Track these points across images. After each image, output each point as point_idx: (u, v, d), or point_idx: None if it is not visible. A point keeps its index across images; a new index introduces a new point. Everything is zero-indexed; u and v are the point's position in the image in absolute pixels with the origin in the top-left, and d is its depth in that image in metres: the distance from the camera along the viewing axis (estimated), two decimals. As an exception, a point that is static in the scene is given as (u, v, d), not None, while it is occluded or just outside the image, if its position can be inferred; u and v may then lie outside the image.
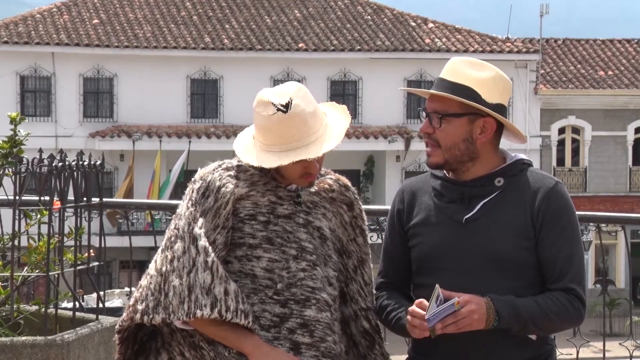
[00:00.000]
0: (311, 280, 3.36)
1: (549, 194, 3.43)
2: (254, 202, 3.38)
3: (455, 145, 3.43)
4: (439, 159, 3.45)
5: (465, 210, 3.44)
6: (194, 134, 35.31)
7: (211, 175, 3.39)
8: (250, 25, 38.33)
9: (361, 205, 3.62)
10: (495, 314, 3.29)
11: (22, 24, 36.62)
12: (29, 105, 35.99)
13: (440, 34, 39.32)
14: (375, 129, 37.25)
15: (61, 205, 4.83)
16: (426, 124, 3.45)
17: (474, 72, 3.45)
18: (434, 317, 3.24)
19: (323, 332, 3.37)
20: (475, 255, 3.40)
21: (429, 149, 3.47)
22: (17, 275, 4.90)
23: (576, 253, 3.42)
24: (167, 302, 3.27)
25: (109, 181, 35.03)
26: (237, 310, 3.23)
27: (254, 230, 3.36)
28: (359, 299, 3.56)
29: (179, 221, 3.36)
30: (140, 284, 3.38)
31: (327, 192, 3.52)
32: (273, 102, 3.33)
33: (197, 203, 3.35)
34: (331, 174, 3.58)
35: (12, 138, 5.02)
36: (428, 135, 3.45)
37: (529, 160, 3.53)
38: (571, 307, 3.38)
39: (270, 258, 3.35)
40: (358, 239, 3.58)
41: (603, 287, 6.76)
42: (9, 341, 4.59)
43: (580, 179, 40.26)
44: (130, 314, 3.36)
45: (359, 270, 3.57)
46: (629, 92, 40.36)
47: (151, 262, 3.39)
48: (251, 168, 3.42)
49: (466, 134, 3.44)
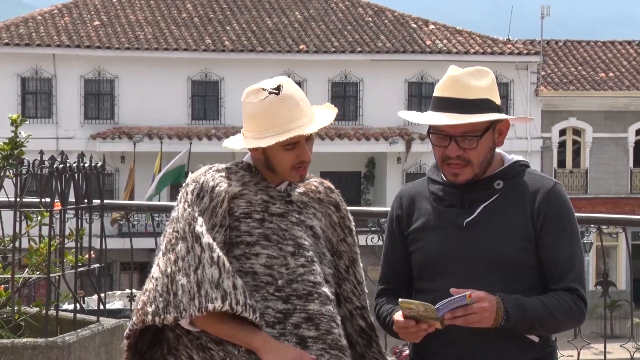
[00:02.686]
0: (311, 275, 3.38)
1: (548, 195, 3.43)
2: (248, 200, 3.41)
3: (485, 158, 3.44)
4: (469, 176, 3.44)
5: (465, 214, 3.44)
6: (195, 136, 35.31)
7: (204, 177, 3.42)
8: (251, 27, 38.34)
9: (346, 205, 3.64)
10: (504, 313, 3.29)
11: (23, 25, 36.62)
12: (29, 107, 35.99)
13: (441, 35, 39.31)
14: (376, 130, 37.23)
15: (62, 207, 4.83)
16: (455, 147, 3.40)
17: (480, 82, 3.44)
18: (444, 307, 3.25)
19: (328, 324, 3.38)
20: (476, 259, 3.40)
21: (457, 169, 3.42)
22: (18, 277, 4.90)
23: (577, 253, 3.43)
24: (177, 300, 3.27)
25: (109, 183, 35.03)
26: (247, 304, 3.24)
27: (250, 228, 3.38)
28: (353, 298, 3.57)
29: (176, 224, 3.36)
30: (145, 287, 3.37)
31: (314, 194, 3.55)
32: (264, 88, 3.40)
33: (193, 204, 3.36)
34: (315, 178, 3.61)
35: (13, 140, 5.02)
36: (457, 157, 3.42)
37: (526, 162, 3.54)
38: (575, 307, 3.39)
39: (268, 254, 3.37)
40: (348, 238, 3.60)
41: (604, 289, 6.75)
42: (10, 343, 4.59)
43: (581, 181, 40.25)
44: (141, 316, 3.34)
45: (351, 269, 3.59)
46: (629, 93, 40.34)
47: (153, 266, 3.38)
48: (241, 170, 3.46)
49: (492, 142, 3.46)
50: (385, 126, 37.39)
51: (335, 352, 3.38)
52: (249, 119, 3.42)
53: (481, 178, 3.46)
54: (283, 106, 3.38)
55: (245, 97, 3.43)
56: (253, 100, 3.40)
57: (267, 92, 3.39)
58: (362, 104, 38.19)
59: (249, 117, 3.42)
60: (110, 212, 16.69)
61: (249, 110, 3.41)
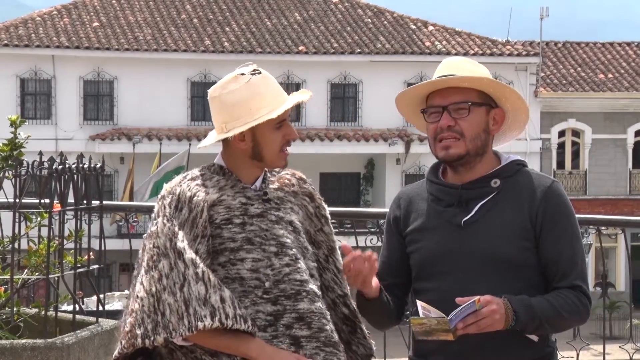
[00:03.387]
0: (297, 273, 3.37)
1: (546, 193, 3.44)
2: (227, 205, 3.38)
3: (477, 136, 3.45)
4: (461, 150, 3.44)
5: (462, 213, 3.44)
6: (194, 137, 35.29)
7: (179, 188, 3.38)
8: (251, 28, 38.34)
9: (319, 194, 3.62)
10: (513, 314, 3.29)
11: (22, 26, 36.63)
12: (29, 108, 36.00)
13: (441, 36, 39.32)
14: (376, 131, 37.24)
15: (61, 207, 4.83)
16: (447, 117, 3.43)
17: (477, 68, 3.50)
18: (456, 317, 3.23)
19: (320, 322, 3.37)
20: (474, 258, 3.40)
21: (449, 141, 3.43)
22: (17, 278, 4.90)
23: (578, 251, 3.44)
24: (166, 320, 3.24)
25: (109, 184, 35.02)
26: (236, 316, 3.22)
27: (232, 234, 3.36)
28: (335, 287, 3.56)
29: (156, 239, 3.32)
30: (131, 308, 3.32)
31: (288, 187, 3.53)
32: (242, 72, 3.40)
33: (173, 217, 3.33)
34: (286, 170, 3.59)
35: (12, 141, 5.02)
36: (449, 128, 3.43)
37: (523, 161, 3.55)
38: (580, 304, 3.41)
39: (253, 258, 3.35)
40: (324, 228, 3.59)
41: (603, 290, 6.74)
42: (9, 344, 4.59)
43: (580, 182, 40.26)
44: (131, 340, 3.29)
45: (330, 258, 3.58)
46: (629, 95, 40.36)
47: (137, 285, 3.33)
48: (215, 174, 3.44)
49: (485, 124, 3.47)
50: (384, 127, 37.40)
51: (330, 349, 3.37)
52: (237, 107, 3.37)
53: (478, 177, 3.47)
54: (269, 84, 3.40)
55: (223, 89, 3.40)
56: (235, 87, 3.38)
57: (248, 75, 3.38)
58: (362, 105, 38.20)
59: (235, 105, 3.37)
60: (109, 213, 16.71)
61: (233, 99, 3.37)
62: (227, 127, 3.40)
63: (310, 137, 35.90)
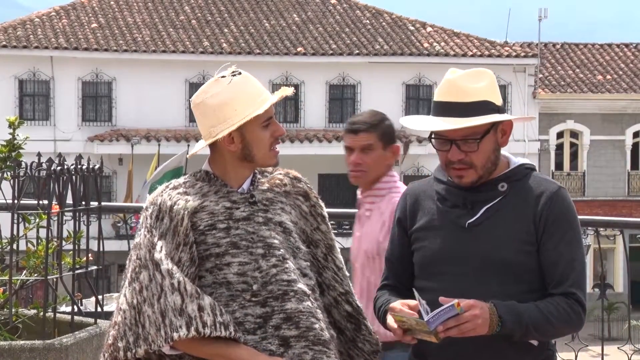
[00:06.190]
0: (285, 274, 3.35)
1: (551, 198, 3.43)
2: (210, 211, 3.37)
3: (488, 160, 3.44)
4: (474, 177, 3.44)
5: (468, 215, 3.44)
6: (193, 138, 35.28)
7: (160, 198, 3.39)
8: (249, 30, 38.35)
9: (316, 193, 3.61)
10: (498, 319, 3.28)
11: (20, 28, 36.61)
12: (27, 109, 35.98)
13: (439, 38, 39.32)
14: (374, 133, 37.20)
15: (60, 209, 4.83)
16: (456, 151, 3.41)
17: (478, 84, 3.44)
18: (434, 320, 3.23)
19: (308, 321, 3.35)
20: (477, 260, 3.40)
21: (460, 171, 3.43)
22: (16, 279, 4.89)
23: (577, 258, 3.42)
24: (146, 332, 3.26)
25: (107, 185, 35.02)
26: (215, 323, 3.21)
27: (217, 239, 3.35)
28: (336, 285, 3.56)
29: (139, 251, 3.34)
30: (114, 321, 3.35)
31: (279, 187, 3.52)
32: (223, 75, 3.40)
33: (153, 227, 3.33)
34: (279, 170, 3.58)
35: (10, 142, 5.02)
36: (460, 160, 3.42)
37: (532, 165, 3.54)
38: (572, 312, 3.38)
39: (240, 262, 3.34)
40: (321, 226, 3.58)
41: (601, 292, 6.74)
42: (8, 345, 4.59)
43: (578, 183, 40.27)
44: (113, 353, 3.33)
45: (329, 257, 3.58)
46: (627, 96, 40.38)
47: (120, 297, 3.35)
48: (199, 181, 3.43)
49: (495, 143, 3.46)
50: (383, 128, 37.34)
51: (319, 348, 3.36)
52: (222, 109, 3.36)
53: (486, 180, 3.47)
54: (251, 83, 3.40)
55: (205, 93, 3.39)
56: (218, 89, 3.37)
57: (229, 76, 3.38)
58: (360, 106, 38.17)
59: (220, 107, 3.36)
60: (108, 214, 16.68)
61: (217, 101, 3.36)
62: (214, 130, 3.39)
63: (308, 138, 35.90)
